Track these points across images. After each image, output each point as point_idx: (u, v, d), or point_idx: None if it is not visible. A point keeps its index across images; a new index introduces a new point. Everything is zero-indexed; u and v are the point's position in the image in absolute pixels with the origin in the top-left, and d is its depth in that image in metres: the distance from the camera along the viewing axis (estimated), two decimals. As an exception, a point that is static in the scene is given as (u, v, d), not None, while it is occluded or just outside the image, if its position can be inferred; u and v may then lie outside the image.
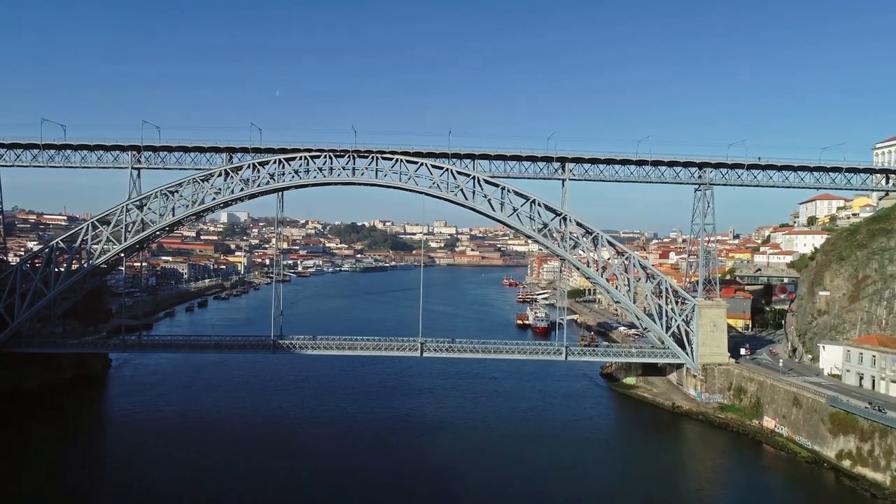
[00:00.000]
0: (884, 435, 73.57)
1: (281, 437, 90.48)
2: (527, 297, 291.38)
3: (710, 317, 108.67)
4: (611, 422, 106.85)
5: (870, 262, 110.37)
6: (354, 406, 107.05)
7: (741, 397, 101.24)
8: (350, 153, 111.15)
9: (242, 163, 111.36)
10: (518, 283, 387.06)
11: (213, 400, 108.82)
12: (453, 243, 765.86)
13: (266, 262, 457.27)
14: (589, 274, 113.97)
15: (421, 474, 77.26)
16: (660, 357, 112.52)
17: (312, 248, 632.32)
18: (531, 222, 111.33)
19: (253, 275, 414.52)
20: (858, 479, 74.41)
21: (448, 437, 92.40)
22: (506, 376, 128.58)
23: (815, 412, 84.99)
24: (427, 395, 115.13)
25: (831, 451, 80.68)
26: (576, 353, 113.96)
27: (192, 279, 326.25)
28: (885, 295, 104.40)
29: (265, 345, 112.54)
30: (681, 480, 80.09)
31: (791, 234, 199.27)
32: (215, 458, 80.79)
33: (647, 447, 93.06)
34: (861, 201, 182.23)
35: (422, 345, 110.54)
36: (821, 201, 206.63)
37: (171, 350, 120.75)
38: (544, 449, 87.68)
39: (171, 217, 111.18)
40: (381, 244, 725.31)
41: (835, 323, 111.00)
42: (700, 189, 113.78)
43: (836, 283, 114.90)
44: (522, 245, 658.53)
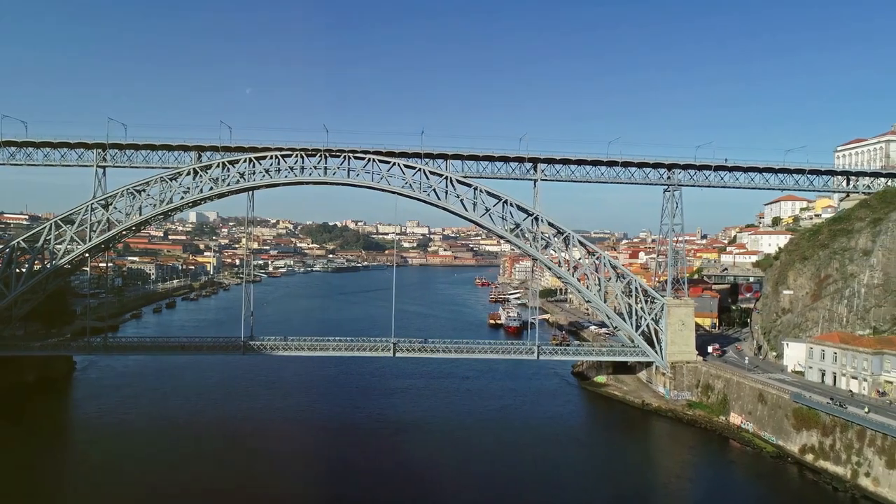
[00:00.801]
0: (844, 429, 75.72)
1: (252, 438, 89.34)
2: (499, 296, 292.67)
3: (678, 315, 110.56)
4: (582, 419, 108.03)
5: (831, 262, 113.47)
6: (327, 407, 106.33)
7: (709, 394, 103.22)
8: (322, 152, 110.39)
9: (212, 161, 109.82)
10: (490, 282, 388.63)
11: (182, 402, 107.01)
12: (426, 243, 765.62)
13: (236, 262, 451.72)
14: (560, 274, 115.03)
15: (394, 473, 77.11)
16: (630, 355, 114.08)
17: (283, 249, 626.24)
18: (503, 222, 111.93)
19: (222, 275, 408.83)
20: (821, 473, 76.48)
21: (421, 435, 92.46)
22: (478, 375, 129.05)
23: (779, 408, 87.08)
24: (400, 394, 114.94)
25: (795, 446, 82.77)
26: (547, 352, 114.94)
27: (160, 280, 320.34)
28: (845, 293, 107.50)
29: (235, 346, 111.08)
30: (649, 476, 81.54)
31: (756, 234, 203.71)
32: (185, 460, 79.51)
33: (617, 444, 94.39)
34: (823, 202, 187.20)
35: (394, 345, 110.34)
36: (785, 202, 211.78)
37: (138, 352, 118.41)
38: (516, 446, 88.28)
39: (137, 216, 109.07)
40: (354, 244, 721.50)
41: (798, 321, 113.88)
42: (669, 190, 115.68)
43: (800, 283, 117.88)
44: (495, 245, 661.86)
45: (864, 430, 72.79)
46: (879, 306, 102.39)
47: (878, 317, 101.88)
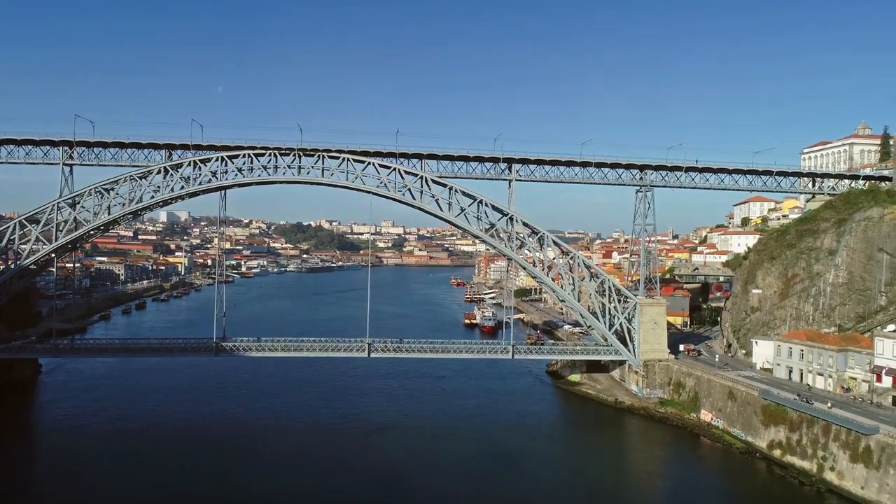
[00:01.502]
0: (811, 425, 77.56)
1: (224, 439, 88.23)
2: (474, 296, 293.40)
3: (650, 314, 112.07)
4: (556, 418, 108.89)
5: (798, 262, 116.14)
6: (301, 407, 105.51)
7: (680, 392, 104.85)
8: (296, 151, 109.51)
9: (183, 160, 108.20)
10: (465, 282, 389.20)
11: (152, 404, 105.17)
12: (401, 243, 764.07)
13: (208, 262, 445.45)
14: (535, 273, 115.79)
15: (368, 472, 76.80)
16: (603, 354, 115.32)
17: (256, 249, 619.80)
18: (478, 222, 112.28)
19: (194, 276, 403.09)
20: (788, 468, 78.19)
21: (396, 435, 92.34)
22: (453, 375, 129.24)
23: (748, 405, 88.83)
24: (375, 394, 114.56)
25: (763, 442, 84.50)
26: (522, 351, 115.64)
27: (130, 280, 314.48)
28: (811, 292, 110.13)
29: (207, 347, 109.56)
30: (621, 472, 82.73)
31: (726, 234, 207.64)
32: (155, 462, 78.15)
33: (590, 441, 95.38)
34: (790, 203, 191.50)
35: (369, 345, 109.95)
36: (753, 203, 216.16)
37: (106, 354, 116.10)
38: (490, 445, 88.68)
39: (106, 216, 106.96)
40: (328, 244, 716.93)
41: (766, 319, 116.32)
42: (641, 190, 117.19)
43: (768, 282, 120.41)
44: (470, 245, 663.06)
45: (830, 426, 74.63)
46: (844, 304, 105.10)
47: (843, 315, 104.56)
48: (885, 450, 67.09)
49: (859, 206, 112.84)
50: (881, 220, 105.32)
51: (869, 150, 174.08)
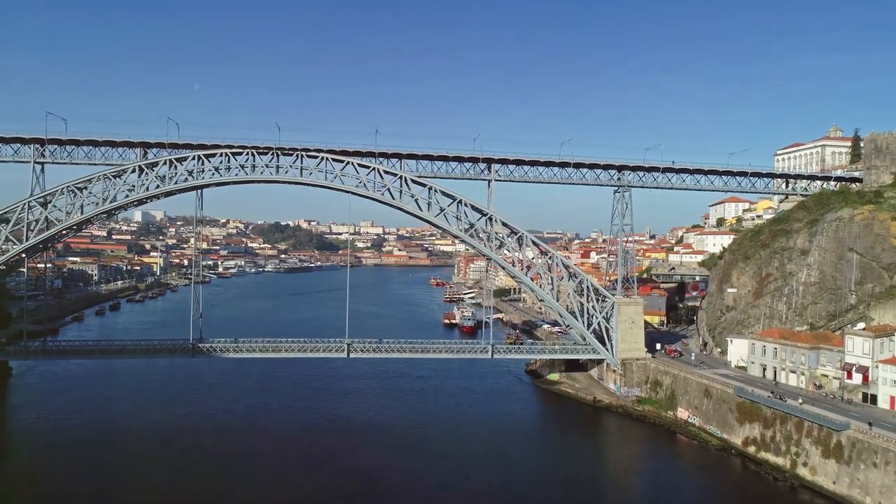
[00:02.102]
0: (784, 422, 78.97)
1: (202, 440, 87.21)
2: (453, 296, 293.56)
3: (628, 314, 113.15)
4: (534, 416, 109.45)
5: (772, 261, 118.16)
6: (280, 408, 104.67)
7: (657, 390, 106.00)
8: (274, 150, 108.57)
9: (158, 159, 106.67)
10: (445, 282, 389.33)
11: (128, 406, 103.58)
12: (380, 243, 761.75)
13: (184, 262, 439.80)
14: (514, 273, 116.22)
15: (348, 473, 76.41)
16: (582, 353, 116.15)
17: (234, 249, 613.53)
18: (458, 222, 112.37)
19: (170, 276, 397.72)
20: (762, 464, 79.50)
21: (375, 434, 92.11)
22: (432, 375, 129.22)
23: (723, 402, 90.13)
24: (354, 395, 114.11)
25: (738, 439, 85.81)
26: (502, 350, 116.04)
27: (103, 281, 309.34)
28: (785, 291, 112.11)
29: (184, 348, 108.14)
30: (599, 469, 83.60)
31: (702, 234, 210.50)
32: (131, 464, 76.97)
33: (568, 439, 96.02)
34: (764, 204, 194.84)
35: (348, 346, 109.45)
36: (729, 203, 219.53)
37: (79, 356, 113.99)
38: (469, 443, 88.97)
39: (78, 215, 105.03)
40: (307, 244, 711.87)
41: (741, 318, 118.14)
42: (619, 191, 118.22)
43: (742, 281, 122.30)
44: (449, 245, 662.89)
45: (802, 422, 76.04)
46: (816, 303, 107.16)
47: (815, 313, 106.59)
48: (855, 445, 68.56)
49: (831, 206, 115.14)
50: (851, 221, 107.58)
51: (840, 152, 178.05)
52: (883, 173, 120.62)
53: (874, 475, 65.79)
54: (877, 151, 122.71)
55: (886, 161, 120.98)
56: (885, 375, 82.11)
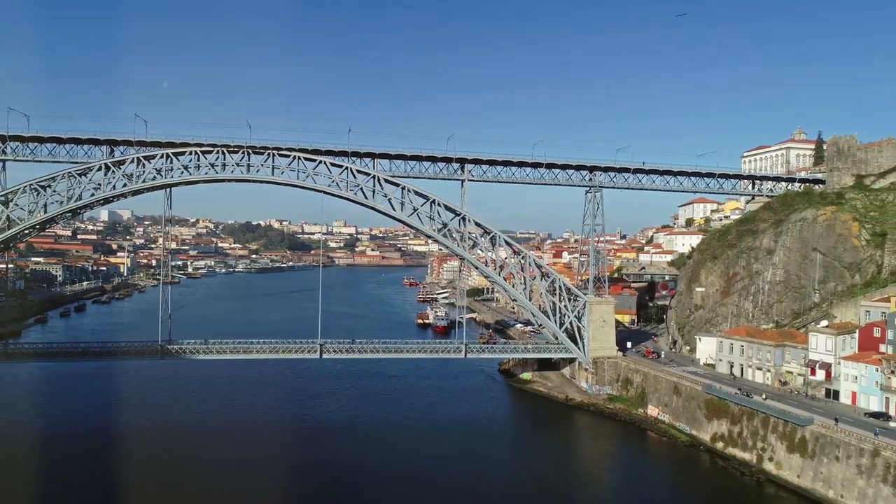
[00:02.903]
0: (750, 418, 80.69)
1: (171, 443, 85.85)
2: (427, 296, 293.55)
3: (599, 313, 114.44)
4: (507, 415, 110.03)
5: (739, 261, 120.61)
6: (251, 409, 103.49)
7: (628, 388, 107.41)
8: (244, 149, 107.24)
9: (125, 157, 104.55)
10: (418, 282, 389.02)
11: (94, 410, 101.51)
12: (353, 243, 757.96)
13: (152, 262, 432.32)
14: (487, 273, 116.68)
15: (320, 472, 75.94)
16: (554, 352, 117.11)
17: (204, 249, 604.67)
18: (431, 222, 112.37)
19: (138, 276, 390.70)
20: (730, 459, 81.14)
21: (348, 435, 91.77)
22: (405, 375, 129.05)
23: (692, 399, 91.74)
24: (326, 395, 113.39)
25: (706, 435, 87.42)
26: (475, 350, 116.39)
27: (68, 282, 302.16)
28: (751, 290, 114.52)
29: (152, 350, 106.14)
30: (570, 466, 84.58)
31: (671, 234, 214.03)
32: (97, 468, 75.39)
33: (540, 437, 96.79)
34: (731, 205, 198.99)
35: (321, 346, 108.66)
36: (697, 204, 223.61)
37: (43, 359, 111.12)
38: (442, 443, 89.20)
39: (42, 214, 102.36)
40: (278, 244, 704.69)
41: (709, 316, 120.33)
42: (590, 191, 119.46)
43: (710, 280, 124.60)
44: (423, 245, 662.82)
45: (768, 418, 77.82)
46: (781, 302, 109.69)
47: (780, 311, 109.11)
48: (818, 439, 70.39)
49: (795, 207, 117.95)
50: (815, 221, 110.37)
51: (804, 155, 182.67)
52: (844, 175, 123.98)
53: (836, 468, 67.62)
54: (839, 154, 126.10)
55: (848, 163, 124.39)
56: (846, 372, 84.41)
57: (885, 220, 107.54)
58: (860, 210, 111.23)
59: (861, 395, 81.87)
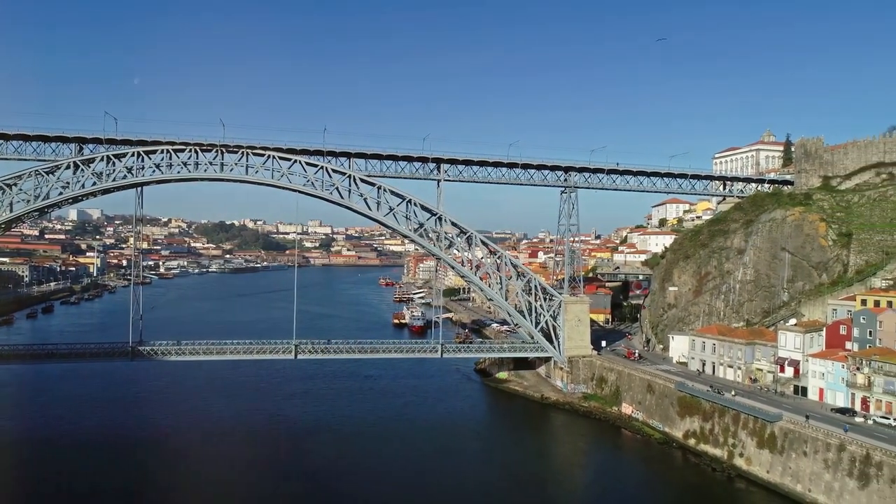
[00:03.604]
0: (722, 414, 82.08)
1: (142, 445, 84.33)
2: (403, 296, 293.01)
3: (574, 312, 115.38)
4: (483, 414, 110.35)
5: (710, 260, 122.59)
6: (225, 411, 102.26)
7: (602, 386, 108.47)
8: (218, 148, 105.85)
9: (95, 155, 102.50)
10: (394, 282, 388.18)
11: (64, 412, 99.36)
12: (329, 243, 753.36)
13: (123, 263, 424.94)
14: (463, 273, 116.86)
15: (296, 474, 75.32)
16: (530, 351, 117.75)
17: (176, 248, 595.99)
18: (407, 222, 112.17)
19: (108, 277, 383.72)
20: (702, 456, 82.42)
21: (324, 436, 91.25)
22: (381, 375, 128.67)
23: (665, 397, 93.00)
24: (301, 396, 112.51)
25: (679, 432, 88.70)
26: (451, 350, 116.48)
27: (35, 282, 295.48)
28: (722, 289, 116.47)
29: (122, 352, 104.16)
30: (545, 463, 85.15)
31: (645, 234, 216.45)
32: (65, 471, 73.72)
33: (516, 436, 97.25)
34: (703, 205, 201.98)
35: (296, 347, 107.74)
36: (670, 205, 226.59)
37: (9, 362, 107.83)
38: (418, 442, 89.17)
39: (7, 213, 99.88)
40: (253, 244, 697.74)
41: (682, 315, 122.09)
42: (566, 191, 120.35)
43: (683, 279, 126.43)
44: (399, 245, 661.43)
45: (739, 415, 79.22)
46: (751, 300, 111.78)
47: (751, 310, 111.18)
48: (787, 435, 71.88)
49: (765, 208, 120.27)
50: (784, 222, 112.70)
51: (773, 156, 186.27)
52: (812, 176, 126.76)
53: (804, 463, 69.12)
54: (806, 156, 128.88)
55: (815, 165, 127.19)
56: (814, 369, 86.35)
57: (850, 220, 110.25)
58: (827, 211, 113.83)
59: (828, 391, 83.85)
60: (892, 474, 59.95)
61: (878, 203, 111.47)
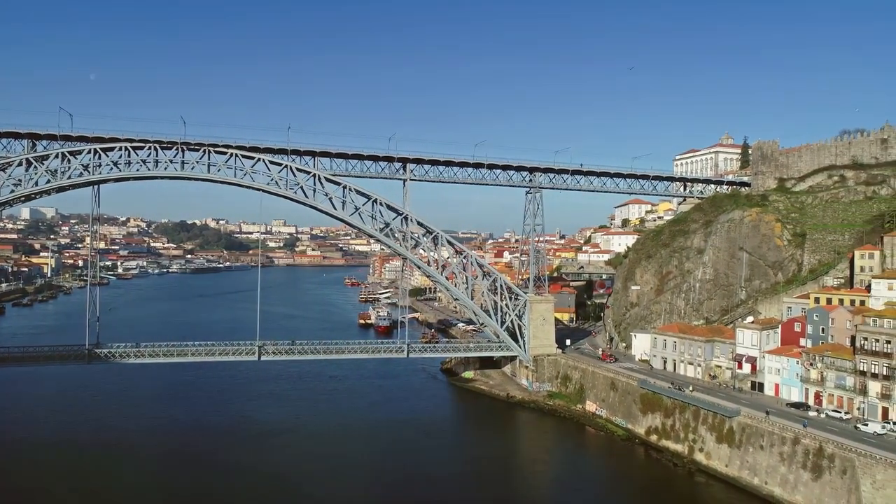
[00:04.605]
0: (682, 410, 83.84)
1: (99, 449, 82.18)
2: (369, 296, 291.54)
3: (539, 311, 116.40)
4: (449, 413, 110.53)
5: (671, 260, 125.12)
6: (186, 413, 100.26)
7: (567, 385, 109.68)
8: (178, 145, 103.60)
9: (49, 151, 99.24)
10: (360, 282, 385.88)
11: (18, 415, 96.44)
12: (293, 243, 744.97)
13: (79, 263, 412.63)
14: (429, 272, 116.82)
15: (260, 476, 74.11)
16: (495, 351, 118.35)
17: (135, 248, 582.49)
18: (373, 221, 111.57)
19: (63, 278, 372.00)
20: (663, 451, 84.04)
21: (288, 437, 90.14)
22: (346, 375, 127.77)
23: (628, 394, 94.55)
24: (265, 398, 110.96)
25: (642, 428, 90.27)
26: (417, 349, 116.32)
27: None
28: (683, 288, 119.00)
29: (78, 355, 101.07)
30: (510, 461, 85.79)
31: (608, 234, 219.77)
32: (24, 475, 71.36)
33: (481, 434, 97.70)
34: (664, 206, 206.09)
35: (259, 348, 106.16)
36: (633, 205, 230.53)
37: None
38: (383, 442, 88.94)
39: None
40: (215, 244, 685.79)
41: (644, 314, 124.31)
42: (531, 192, 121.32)
43: (645, 279, 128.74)
44: (365, 245, 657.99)
45: (699, 411, 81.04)
46: (710, 299, 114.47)
47: (710, 308, 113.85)
48: (745, 430, 73.83)
49: (723, 208, 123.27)
50: (741, 222, 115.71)
51: (732, 158, 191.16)
52: (768, 178, 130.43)
53: (761, 457, 71.10)
54: (763, 158, 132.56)
55: (771, 167, 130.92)
56: (770, 365, 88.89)
57: (804, 221, 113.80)
58: (782, 212, 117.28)
59: (783, 386, 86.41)
60: (843, 466, 62.09)
61: (830, 204, 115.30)
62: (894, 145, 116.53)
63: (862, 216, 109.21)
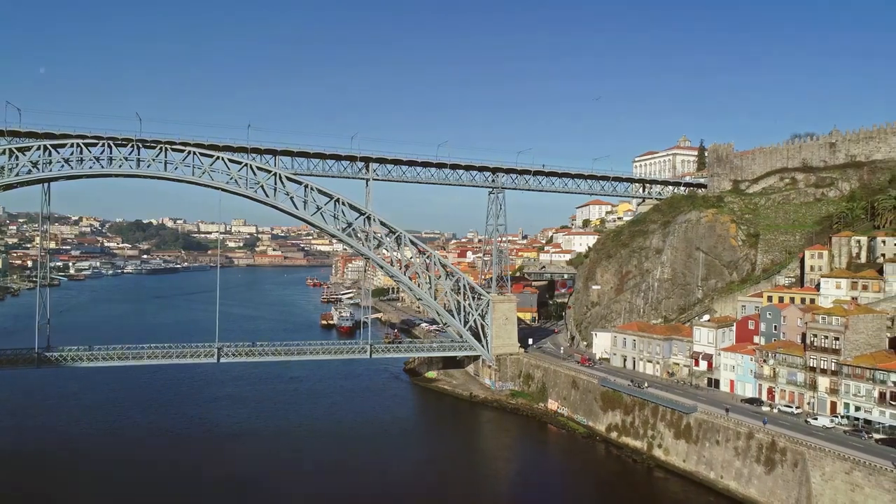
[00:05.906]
0: (642, 407, 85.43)
1: (51, 455, 79.34)
2: (331, 296, 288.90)
3: (502, 311, 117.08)
4: (411, 413, 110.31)
5: (631, 259, 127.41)
6: (142, 416, 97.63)
7: (529, 384, 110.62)
8: (134, 142, 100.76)
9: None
10: (322, 283, 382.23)
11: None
12: (253, 243, 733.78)
13: (28, 264, 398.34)
14: (392, 272, 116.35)
15: (218, 478, 72.67)
16: (458, 350, 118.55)
17: (88, 249, 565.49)
18: (335, 221, 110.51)
19: (11, 279, 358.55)
20: (623, 448, 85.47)
21: (247, 438, 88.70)
22: (308, 376, 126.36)
23: (589, 392, 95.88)
24: (224, 400, 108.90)
25: (602, 426, 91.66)
26: (380, 350, 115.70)
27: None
28: (642, 287, 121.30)
29: (27, 359, 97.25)
30: (472, 459, 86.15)
31: (570, 234, 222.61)
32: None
33: (444, 434, 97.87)
34: (624, 206, 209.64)
35: (218, 350, 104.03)
36: (593, 206, 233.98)
37: None
38: (345, 443, 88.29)
39: None
40: (172, 244, 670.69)
41: (604, 313, 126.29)
42: (493, 192, 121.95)
43: (606, 278, 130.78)
44: (327, 245, 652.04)
45: (658, 407, 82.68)
46: (669, 298, 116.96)
47: (668, 307, 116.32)
48: (701, 426, 75.63)
49: (681, 209, 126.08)
50: (698, 223, 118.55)
51: (689, 160, 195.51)
52: (723, 180, 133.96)
53: (717, 451, 72.94)
54: (718, 160, 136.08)
55: (726, 169, 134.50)
56: (725, 362, 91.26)
57: (758, 221, 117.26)
58: (737, 213, 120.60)
59: (738, 382, 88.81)
60: (794, 459, 64.16)
61: (782, 206, 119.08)
62: (842, 149, 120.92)
63: (812, 217, 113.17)
